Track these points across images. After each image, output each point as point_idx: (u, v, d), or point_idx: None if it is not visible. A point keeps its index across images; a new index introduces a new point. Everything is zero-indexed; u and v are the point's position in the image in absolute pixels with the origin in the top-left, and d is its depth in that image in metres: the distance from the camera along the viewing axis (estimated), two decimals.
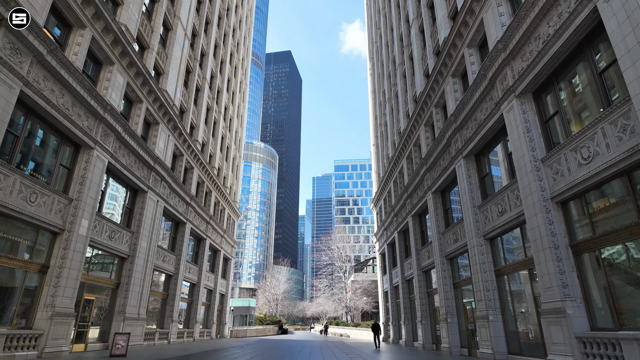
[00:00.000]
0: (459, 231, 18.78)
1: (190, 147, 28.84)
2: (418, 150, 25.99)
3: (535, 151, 12.26)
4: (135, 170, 20.71)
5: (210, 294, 36.96)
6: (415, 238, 26.06)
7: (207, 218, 33.63)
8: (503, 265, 15.07)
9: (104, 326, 18.94)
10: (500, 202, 14.74)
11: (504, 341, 14.35)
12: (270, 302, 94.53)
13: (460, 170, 17.73)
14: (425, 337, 23.39)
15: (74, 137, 15.87)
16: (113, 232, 19.05)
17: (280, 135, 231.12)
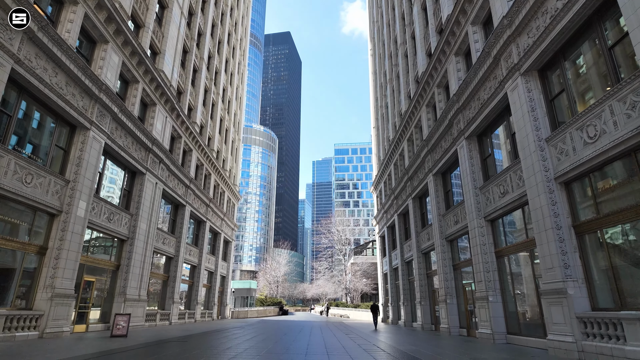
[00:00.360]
0: (459, 213, 18.68)
1: (189, 129, 28.49)
2: (419, 132, 25.66)
3: (539, 131, 12.00)
4: (132, 152, 20.46)
5: (211, 275, 37.22)
6: (415, 220, 26.01)
7: (207, 201, 33.55)
8: (504, 246, 15.01)
9: (105, 307, 19.05)
10: (502, 183, 14.56)
11: (503, 322, 14.41)
12: (271, 284, 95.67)
13: (462, 152, 17.49)
14: (424, 318, 23.62)
15: (69, 117, 15.56)
16: (112, 214, 18.94)
17: (279, 118, 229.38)
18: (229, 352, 10.54)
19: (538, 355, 10.40)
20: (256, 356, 9.90)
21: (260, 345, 12.85)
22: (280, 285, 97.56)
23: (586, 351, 9.52)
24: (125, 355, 9.51)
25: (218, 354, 10.19)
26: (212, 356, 9.62)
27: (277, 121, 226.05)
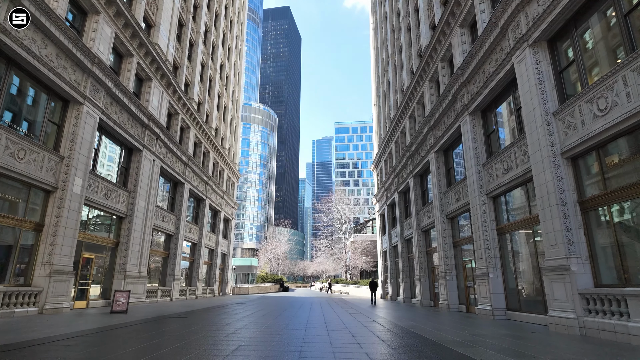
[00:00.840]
0: (461, 190, 18.45)
1: (186, 106, 27.93)
2: (421, 108, 25.12)
3: (547, 104, 11.59)
4: (128, 128, 20.04)
5: (212, 253, 37.44)
6: (416, 198, 25.83)
7: (206, 179, 33.32)
8: (505, 223, 14.84)
9: (106, 284, 19.11)
10: (506, 159, 14.24)
11: (503, 298, 14.41)
12: (271, 262, 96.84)
13: (466, 127, 17.08)
14: (424, 294, 23.79)
15: (61, 91, 15.10)
16: (109, 191, 18.72)
17: (279, 96, 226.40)
18: (229, 328, 10.51)
19: (538, 331, 10.37)
20: (256, 331, 9.86)
21: (260, 320, 12.86)
22: (281, 263, 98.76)
23: (587, 327, 9.46)
24: (125, 331, 9.46)
25: (217, 329, 10.15)
26: (211, 331, 9.58)
27: (276, 99, 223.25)
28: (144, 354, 6.34)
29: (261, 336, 9.07)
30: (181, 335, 8.87)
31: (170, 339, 8.14)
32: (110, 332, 9.29)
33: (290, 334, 9.45)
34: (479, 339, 8.75)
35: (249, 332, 9.64)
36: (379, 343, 8.23)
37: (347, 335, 9.31)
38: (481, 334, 9.70)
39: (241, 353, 6.68)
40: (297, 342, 8.16)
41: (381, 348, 7.57)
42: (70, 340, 7.71)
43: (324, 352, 6.97)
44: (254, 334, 9.44)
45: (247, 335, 9.17)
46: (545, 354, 6.96)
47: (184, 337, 8.56)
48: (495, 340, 8.60)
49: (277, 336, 9.07)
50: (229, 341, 8.06)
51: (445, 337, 9.04)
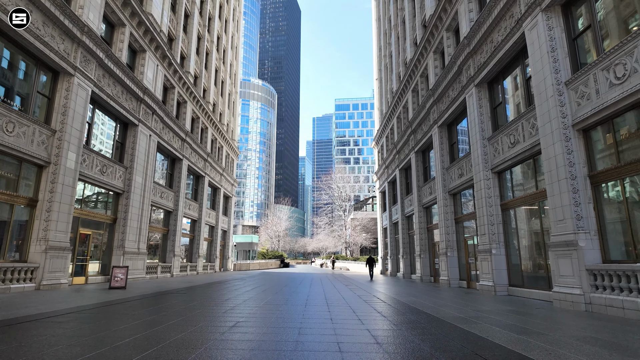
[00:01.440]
0: (464, 165, 18.03)
1: (182, 79, 27.13)
2: (425, 81, 24.35)
3: (558, 73, 11.00)
4: (123, 102, 19.43)
5: (212, 230, 37.42)
6: (418, 175, 25.45)
7: (205, 155, 32.84)
8: (510, 199, 14.50)
9: (105, 260, 19.00)
10: (512, 132, 13.74)
11: (505, 274, 14.25)
12: (272, 239, 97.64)
13: (471, 100, 16.48)
14: (424, 270, 23.79)
15: (50, 62, 14.45)
16: (104, 166, 18.31)
17: (278, 72, 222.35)
18: (228, 304, 10.34)
19: (542, 307, 10.19)
20: (255, 307, 9.68)
21: (259, 296, 12.73)
22: (282, 240, 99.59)
23: (594, 303, 9.26)
24: (120, 307, 9.27)
25: (216, 305, 9.97)
26: (209, 307, 9.40)
27: (276, 75, 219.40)
28: (137, 331, 6.10)
29: (260, 312, 8.87)
30: (179, 311, 8.68)
31: (167, 315, 7.93)
32: (106, 308, 9.09)
33: (290, 310, 9.26)
34: (482, 315, 8.55)
35: (248, 308, 9.46)
36: (381, 319, 8.02)
37: (347, 311, 9.12)
38: (484, 310, 9.52)
39: (239, 330, 6.45)
40: (297, 318, 7.95)
41: (383, 324, 7.36)
42: (63, 317, 7.49)
43: (324, 328, 6.75)
44: (253, 309, 9.25)
45: (246, 311, 8.97)
46: (553, 330, 6.73)
47: (182, 313, 8.36)
48: (499, 317, 8.40)
49: (277, 312, 8.88)
50: (227, 317, 7.85)
51: (448, 313, 8.85)
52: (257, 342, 5.50)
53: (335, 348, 5.21)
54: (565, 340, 5.86)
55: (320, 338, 5.86)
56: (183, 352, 4.79)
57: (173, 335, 5.79)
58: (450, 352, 5.08)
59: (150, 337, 5.65)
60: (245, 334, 6.08)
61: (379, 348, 5.26)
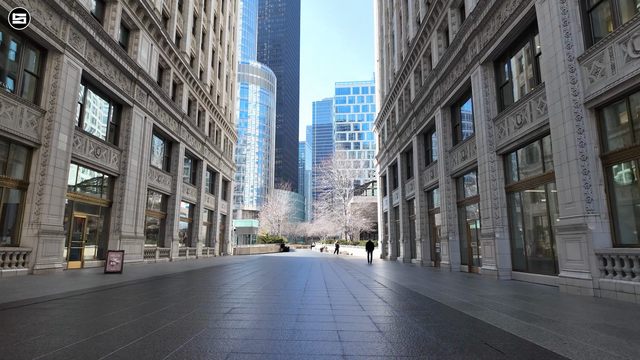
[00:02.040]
0: (468, 148, 17.55)
1: (178, 60, 26.36)
2: (428, 61, 23.63)
3: (571, 48, 10.42)
4: (116, 82, 18.82)
5: (212, 214, 37.17)
6: (419, 158, 24.98)
7: (202, 139, 32.28)
8: (515, 181, 14.07)
9: (101, 244, 18.72)
10: (519, 112, 13.21)
11: (509, 258, 13.95)
12: (272, 223, 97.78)
13: (476, 79, 15.89)
14: (424, 254, 23.57)
15: (37, 38, 13.83)
16: (98, 149, 17.83)
17: (278, 55, 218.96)
18: (224, 289, 10.04)
19: (549, 292, 9.89)
20: (252, 292, 9.38)
21: (257, 281, 12.45)
22: (282, 224, 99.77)
23: (603, 288, 8.94)
24: (113, 293, 8.96)
25: (212, 290, 9.67)
26: (205, 292, 9.09)
27: (275, 58, 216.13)
28: (125, 319, 5.77)
29: (257, 297, 8.57)
30: (172, 296, 8.37)
31: (160, 301, 7.61)
32: (97, 293, 8.78)
33: (288, 295, 8.96)
34: (487, 301, 8.24)
35: (244, 294, 9.15)
36: (382, 305, 7.71)
37: (347, 297, 8.81)
38: (489, 295, 9.21)
39: (233, 317, 6.12)
40: (295, 304, 7.63)
41: (384, 310, 7.04)
42: (50, 303, 7.17)
43: (323, 315, 6.42)
44: (250, 295, 8.95)
45: (243, 296, 8.66)
46: (564, 317, 6.40)
47: (175, 298, 8.04)
48: (505, 302, 8.09)
49: (274, 297, 8.57)
50: (222, 303, 7.54)
51: (451, 299, 8.54)
52: (251, 331, 5.17)
53: (334, 337, 4.87)
54: (578, 328, 5.52)
55: (319, 326, 5.53)
56: (171, 342, 4.45)
57: (163, 323, 5.46)
58: (458, 341, 4.74)
59: (138, 325, 5.32)
60: (240, 322, 5.75)
61: (381, 337, 4.92)
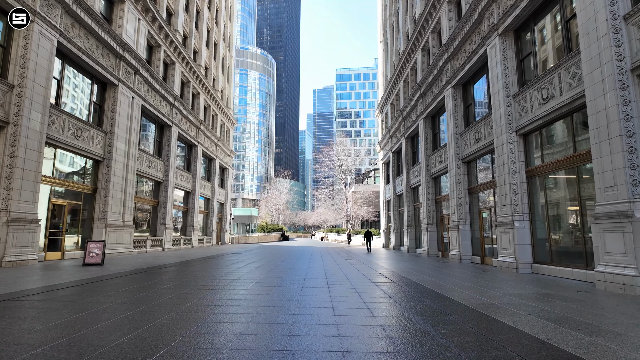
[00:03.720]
0: (482, 129, 16.07)
1: (169, 37, 24.69)
2: (437, 37, 21.96)
3: (615, 5, 8.85)
4: (99, 58, 17.27)
5: (208, 202, 35.87)
6: (426, 142, 23.50)
7: (197, 123, 30.76)
8: (538, 164, 12.64)
9: (85, 233, 17.41)
10: (546, 86, 11.71)
11: (529, 249, 12.60)
12: (272, 212, 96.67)
13: (494, 52, 14.32)
14: (431, 244, 22.29)
15: (1, 2, 12.25)
16: (79, 130, 16.38)
17: (278, 41, 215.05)
18: (210, 285, 8.73)
19: (585, 290, 8.56)
20: (242, 290, 8.07)
21: (251, 275, 11.15)
22: (282, 213, 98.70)
23: None
24: (78, 290, 7.65)
25: (195, 288, 8.35)
26: (185, 290, 7.78)
27: (275, 44, 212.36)
28: (74, 329, 4.43)
29: (246, 297, 7.24)
30: (147, 296, 7.05)
31: (128, 303, 6.30)
32: (59, 292, 7.46)
33: (282, 294, 7.64)
34: (517, 301, 6.92)
35: (232, 292, 7.84)
36: (395, 308, 6.38)
37: (352, 296, 7.49)
38: (515, 293, 7.89)
39: (209, 328, 4.78)
40: (290, 307, 6.31)
41: (399, 316, 5.71)
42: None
43: (324, 324, 5.09)
44: (238, 294, 7.63)
45: (229, 296, 7.34)
46: (629, 327, 5.06)
47: (149, 299, 6.73)
48: (539, 303, 6.76)
49: (266, 298, 7.25)
50: (200, 307, 6.21)
51: (474, 298, 7.22)
52: (228, 352, 3.83)
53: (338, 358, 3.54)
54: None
55: (318, 343, 4.18)
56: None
57: (117, 337, 4.13)
58: (490, 356, 3.42)
59: (87, 339, 3.98)
60: (217, 335, 4.41)
61: (398, 357, 3.58)
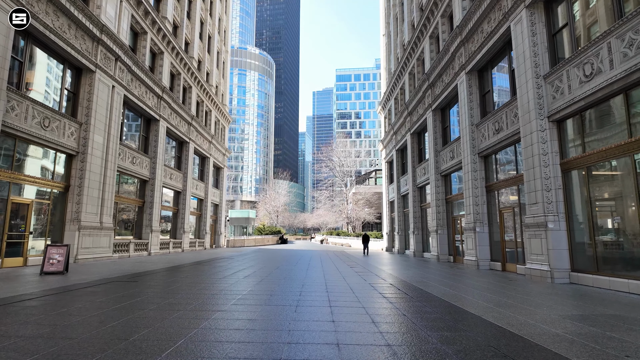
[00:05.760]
0: (503, 118, 14.19)
1: (156, 24, 22.83)
2: (447, 22, 20.13)
3: None
4: (71, 40, 15.39)
5: (201, 203, 33.94)
6: (435, 137, 21.62)
7: (189, 118, 28.86)
8: (578, 155, 10.71)
9: (55, 236, 15.49)
10: (589, 59, 9.82)
11: (567, 255, 10.70)
12: (270, 214, 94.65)
13: (519, 28, 12.46)
14: (441, 248, 20.37)
15: None
16: (47, 119, 14.47)
17: (277, 43, 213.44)
18: (179, 304, 6.80)
19: None
20: (216, 313, 6.14)
21: (237, 286, 9.23)
22: (280, 215, 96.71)
23: None
24: (3, 312, 5.72)
25: (156, 308, 6.43)
26: (139, 309, 5.85)
27: (274, 46, 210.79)
28: None
29: (220, 324, 5.30)
30: (80, 323, 5.12)
31: (63, 327, 4.36)
32: None
33: (269, 319, 5.71)
34: (589, 330, 4.99)
35: (202, 315, 5.91)
36: (424, 341, 4.44)
37: (364, 322, 5.55)
38: (576, 316, 5.97)
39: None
40: (276, 344, 4.37)
41: (435, 356, 3.78)
42: None
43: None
44: (210, 318, 5.70)
45: (195, 323, 5.40)
46: None
47: (78, 328, 4.79)
48: (628, 335, 4.83)
49: (248, 326, 5.31)
50: (163, 332, 4.27)
51: (528, 324, 5.29)
52: None
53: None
54: None
55: None
56: None
57: None
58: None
59: None
60: None
61: None
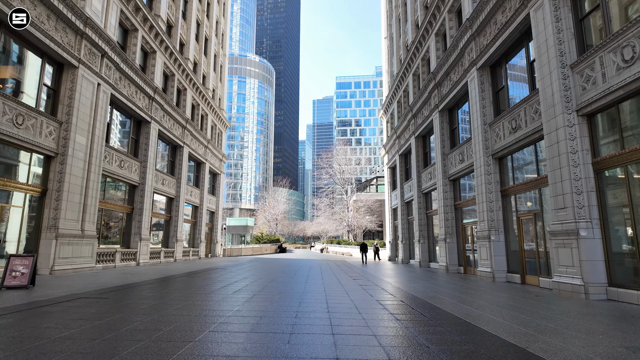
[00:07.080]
0: (521, 115, 12.95)
1: (148, 22, 21.74)
2: (455, 17, 19.03)
3: None
4: (51, 31, 14.23)
5: (196, 210, 32.59)
6: (442, 140, 20.38)
7: (183, 122, 27.67)
8: (614, 153, 9.39)
9: (30, 245, 14.13)
10: (629, 42, 8.59)
11: (602, 267, 9.36)
12: (270, 222, 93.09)
13: (540, 14, 11.28)
14: (450, 258, 18.99)
15: None
16: (20, 116, 13.21)
17: (277, 52, 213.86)
18: (145, 332, 5.45)
19: None
20: (187, 345, 4.79)
21: (221, 306, 7.88)
22: (280, 223, 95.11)
23: None
24: None
25: (113, 338, 5.09)
26: (93, 339, 4.52)
27: (274, 54, 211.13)
28: None
29: (199, 350, 3.97)
30: (34, 349, 3.78)
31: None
32: None
33: (254, 354, 4.36)
34: None
35: (172, 347, 4.55)
36: None
37: (376, 355, 4.21)
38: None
39: None
40: None
41: None
42: None
43: None
44: (180, 351, 4.35)
45: (168, 349, 4.06)
46: None
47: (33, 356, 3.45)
48: None
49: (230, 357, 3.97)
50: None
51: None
52: None
53: None
54: None
55: None
56: None
57: None
58: None
59: None
60: None
61: None
